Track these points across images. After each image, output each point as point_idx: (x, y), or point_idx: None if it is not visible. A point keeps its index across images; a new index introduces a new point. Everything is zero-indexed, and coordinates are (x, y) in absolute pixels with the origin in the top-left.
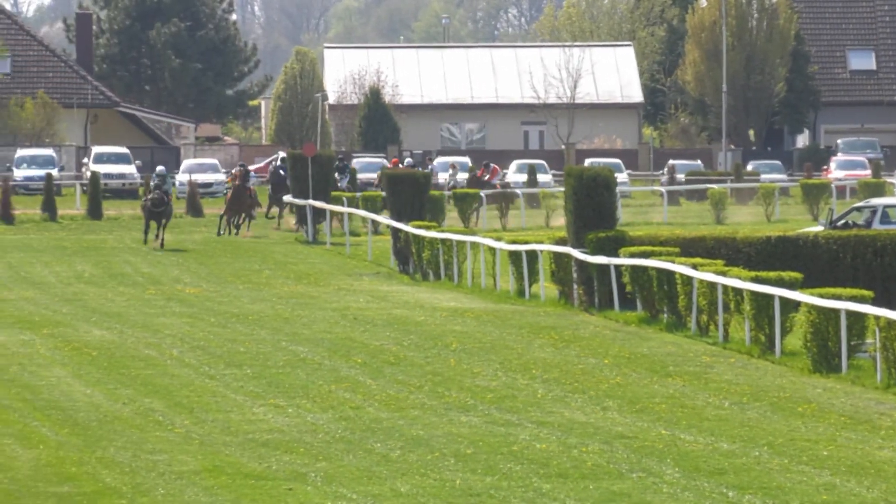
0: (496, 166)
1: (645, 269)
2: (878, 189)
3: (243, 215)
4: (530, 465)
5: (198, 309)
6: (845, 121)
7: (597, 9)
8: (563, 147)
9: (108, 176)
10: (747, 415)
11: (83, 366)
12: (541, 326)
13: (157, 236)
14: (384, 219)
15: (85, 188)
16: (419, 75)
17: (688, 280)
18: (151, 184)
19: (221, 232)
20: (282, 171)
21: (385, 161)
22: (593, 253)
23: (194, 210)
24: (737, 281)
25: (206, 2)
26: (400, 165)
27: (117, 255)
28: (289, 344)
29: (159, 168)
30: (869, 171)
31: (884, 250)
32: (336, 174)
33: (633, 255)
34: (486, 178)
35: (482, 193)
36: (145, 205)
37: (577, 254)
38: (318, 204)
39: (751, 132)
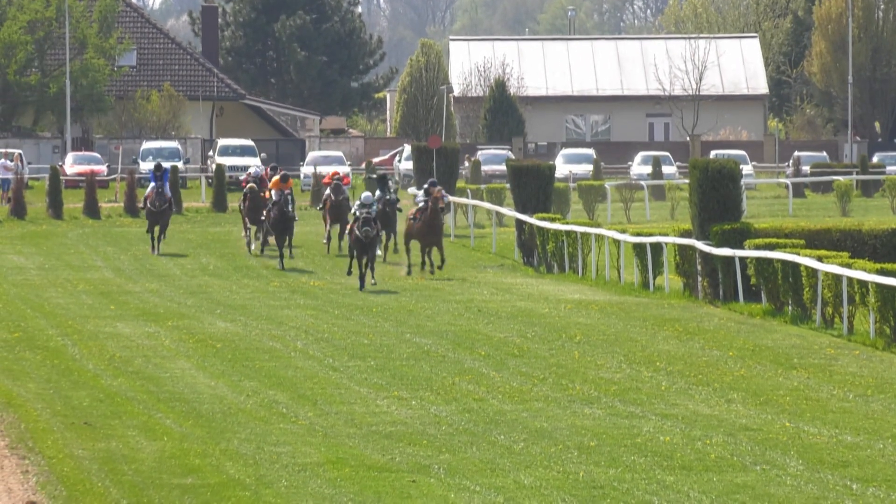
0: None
1: (770, 261)
2: None
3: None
4: (654, 458)
5: (322, 301)
6: None
7: (722, 0)
8: (687, 139)
9: (234, 168)
10: (871, 407)
11: (207, 358)
12: (665, 319)
13: (158, 240)
14: (509, 211)
15: (210, 181)
16: (544, 67)
17: (813, 272)
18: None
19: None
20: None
21: (510, 153)
22: (718, 245)
23: (319, 202)
24: (862, 273)
25: None
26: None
27: (242, 248)
28: (412, 336)
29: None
30: None
31: None
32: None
33: (757, 248)
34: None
35: (606, 185)
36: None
37: (701, 246)
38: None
39: (877, 124)
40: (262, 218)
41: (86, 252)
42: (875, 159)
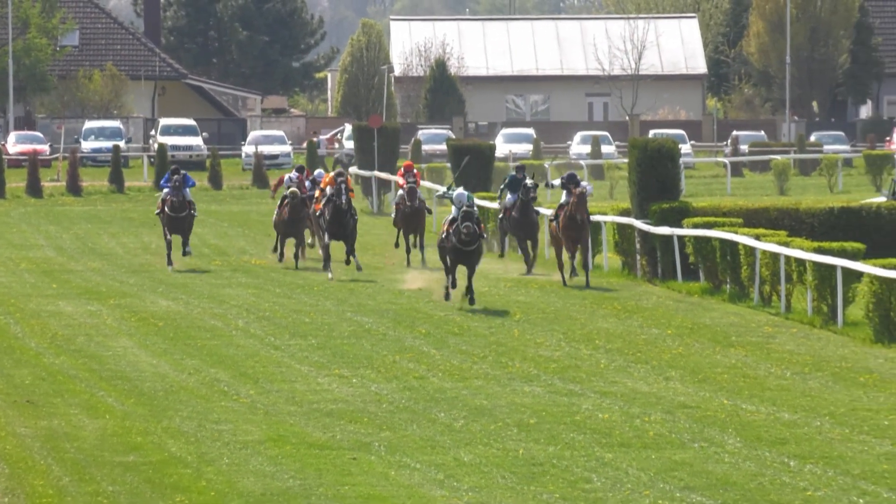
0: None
1: (708, 239)
2: None
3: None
4: (593, 435)
5: (263, 280)
6: None
7: None
8: (627, 118)
9: (175, 148)
10: (809, 385)
11: (149, 336)
12: (604, 297)
13: (171, 249)
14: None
15: (152, 160)
16: (484, 47)
17: (751, 251)
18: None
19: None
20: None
21: (450, 133)
22: (657, 224)
23: (260, 181)
24: (799, 251)
25: None
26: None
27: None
28: (353, 314)
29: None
30: None
31: None
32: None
33: (696, 226)
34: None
35: (546, 165)
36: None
37: (640, 225)
38: (384, 175)
39: (814, 103)
40: (318, 215)
41: (28, 231)
42: (813, 138)
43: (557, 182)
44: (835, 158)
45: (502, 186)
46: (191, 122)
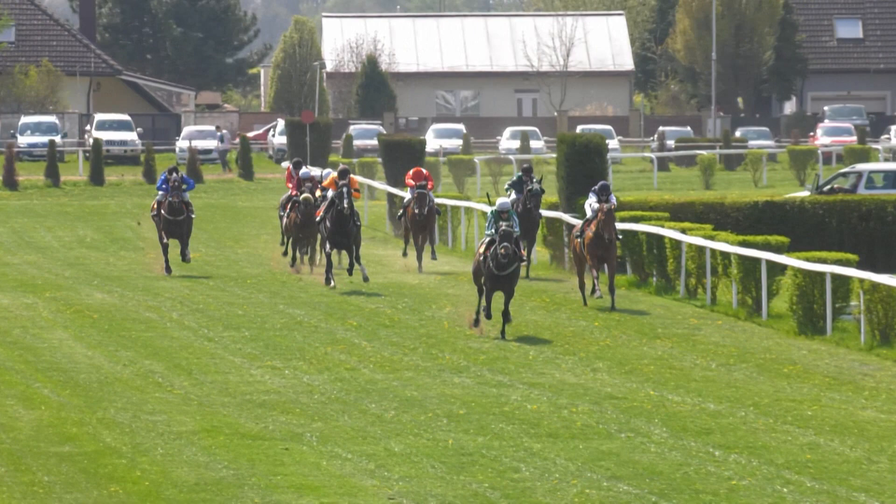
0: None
1: (635, 233)
2: (863, 155)
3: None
4: (521, 426)
5: (197, 273)
6: (832, 88)
7: None
8: (555, 114)
9: (110, 143)
10: (734, 376)
11: (84, 328)
12: (532, 290)
13: (175, 254)
14: (380, 184)
15: (87, 155)
16: (415, 44)
17: (677, 244)
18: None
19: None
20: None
21: (381, 128)
22: (583, 218)
23: (194, 176)
24: (725, 245)
25: None
26: None
27: (119, 220)
28: (286, 307)
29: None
30: (855, 138)
31: (868, 215)
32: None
33: (623, 220)
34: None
35: (476, 159)
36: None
37: (568, 218)
38: (316, 169)
39: (739, 99)
40: (318, 220)
41: None
42: (738, 134)
43: (537, 186)
44: (759, 153)
45: (507, 187)
46: (125, 117)
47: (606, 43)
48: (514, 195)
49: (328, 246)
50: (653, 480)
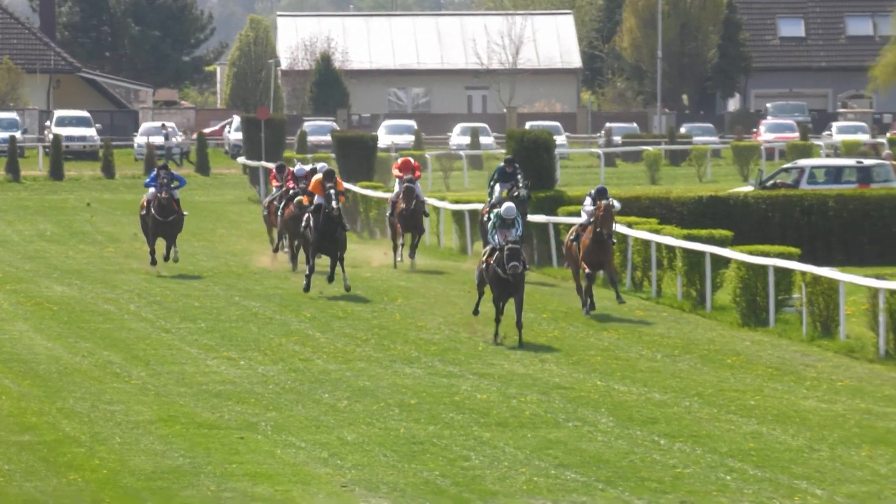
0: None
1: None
2: (805, 151)
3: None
4: (471, 415)
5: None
6: (775, 86)
7: None
8: (504, 111)
9: (70, 138)
10: (678, 366)
11: (44, 320)
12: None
13: (166, 256)
14: None
15: (47, 150)
16: (368, 42)
17: (623, 238)
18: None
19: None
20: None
21: (335, 124)
22: (533, 212)
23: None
24: (670, 239)
25: None
26: None
27: (78, 214)
28: (241, 299)
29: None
30: (797, 134)
31: (810, 209)
32: None
33: (571, 214)
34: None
35: (427, 155)
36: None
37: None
38: (271, 165)
39: (684, 96)
40: (304, 225)
41: None
42: (683, 130)
43: (524, 192)
44: (704, 149)
45: (492, 181)
46: (85, 113)
47: (555, 41)
48: (498, 187)
49: (312, 251)
50: (599, 468)
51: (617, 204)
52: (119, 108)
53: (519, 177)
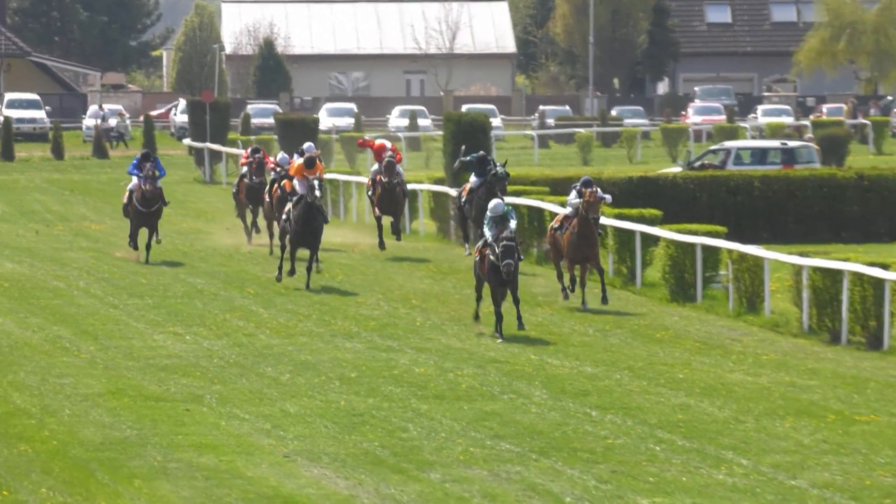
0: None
1: (517, 206)
2: (731, 133)
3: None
4: (409, 388)
5: (103, 244)
6: (702, 70)
7: None
8: (441, 94)
9: (20, 121)
10: (610, 341)
11: None
12: (420, 260)
13: (148, 247)
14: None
15: None
16: (310, 28)
17: (556, 217)
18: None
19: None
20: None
21: (277, 107)
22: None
23: (100, 153)
24: (601, 218)
25: None
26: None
27: (28, 194)
28: (187, 276)
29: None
30: (723, 117)
31: (737, 189)
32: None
33: (508, 194)
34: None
35: (366, 136)
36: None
37: (454, 193)
38: (216, 146)
39: (615, 80)
40: (284, 218)
41: None
42: (614, 113)
43: (502, 169)
44: (634, 131)
45: (465, 159)
46: (35, 96)
47: (490, 27)
48: (473, 179)
49: (290, 243)
50: (533, 439)
51: (608, 197)
52: (68, 92)
53: (499, 167)
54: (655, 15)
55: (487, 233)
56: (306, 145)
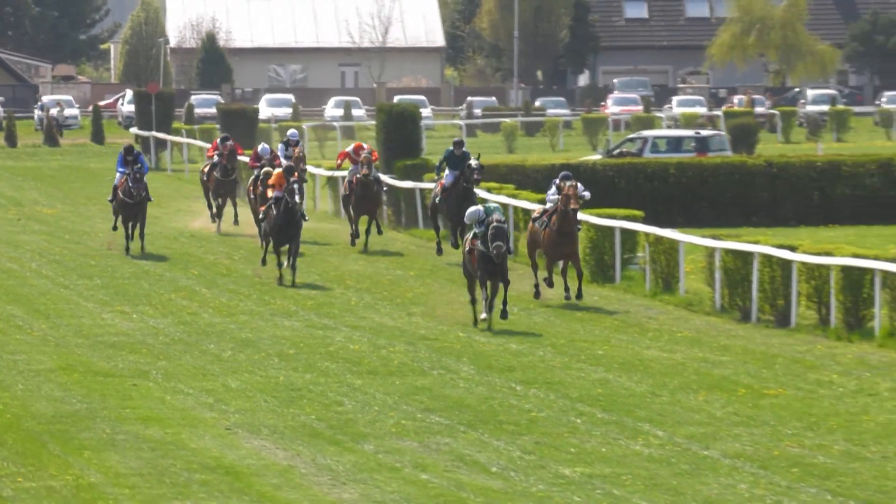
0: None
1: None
2: (648, 122)
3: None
4: (345, 364)
5: (54, 228)
6: (621, 63)
7: None
8: (375, 86)
9: None
10: (534, 319)
11: None
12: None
13: (129, 238)
14: None
15: None
16: (250, 22)
17: (483, 202)
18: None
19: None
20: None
21: (219, 98)
22: (401, 178)
23: (51, 141)
24: (525, 202)
25: None
26: None
27: None
28: (134, 257)
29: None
30: (641, 107)
31: (653, 176)
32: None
33: (434, 181)
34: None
35: (304, 126)
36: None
37: (387, 179)
38: (161, 135)
39: (539, 73)
40: (261, 218)
41: None
42: (537, 104)
43: (474, 162)
44: (556, 121)
45: (441, 160)
46: None
47: (420, 22)
48: (447, 174)
49: (265, 244)
50: (461, 412)
51: (587, 194)
52: (20, 83)
53: (472, 160)
54: (576, 10)
55: (477, 228)
56: (290, 132)
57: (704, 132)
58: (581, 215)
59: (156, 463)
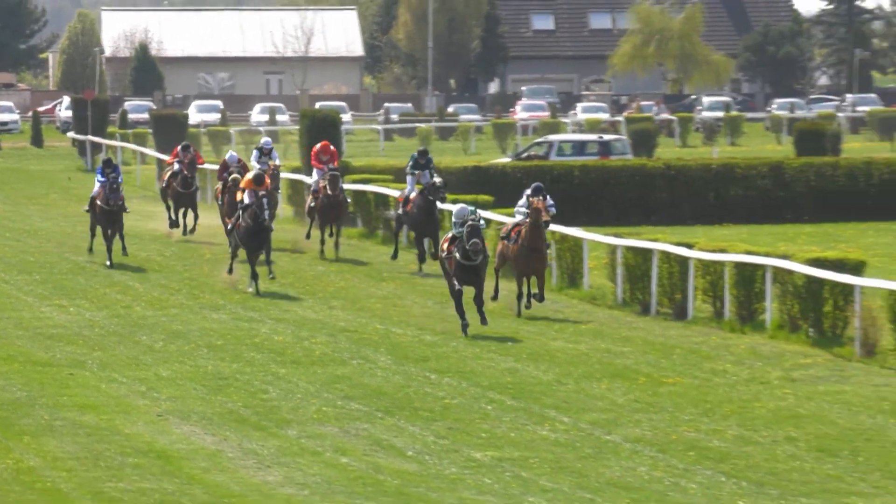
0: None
1: (364, 192)
2: (554, 127)
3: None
4: (269, 354)
5: None
6: (529, 72)
7: None
8: (298, 93)
9: None
10: (447, 312)
11: None
12: (279, 239)
13: (110, 249)
14: (151, 151)
15: None
16: (180, 33)
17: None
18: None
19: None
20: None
21: (152, 104)
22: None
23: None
24: (438, 203)
25: None
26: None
27: None
28: (71, 255)
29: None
30: (547, 113)
31: (559, 178)
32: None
33: (355, 182)
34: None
35: (231, 131)
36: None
37: (308, 180)
38: (96, 139)
39: (452, 81)
40: (229, 228)
41: None
42: (451, 110)
43: (439, 179)
44: (468, 126)
45: (409, 168)
46: None
47: (341, 33)
48: (408, 188)
49: (234, 251)
50: (379, 399)
51: (552, 209)
52: None
53: (437, 178)
54: (487, 22)
55: (455, 229)
56: (263, 140)
57: (607, 137)
58: (491, 214)
59: (92, 447)
